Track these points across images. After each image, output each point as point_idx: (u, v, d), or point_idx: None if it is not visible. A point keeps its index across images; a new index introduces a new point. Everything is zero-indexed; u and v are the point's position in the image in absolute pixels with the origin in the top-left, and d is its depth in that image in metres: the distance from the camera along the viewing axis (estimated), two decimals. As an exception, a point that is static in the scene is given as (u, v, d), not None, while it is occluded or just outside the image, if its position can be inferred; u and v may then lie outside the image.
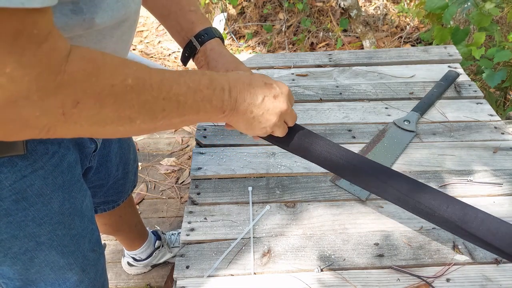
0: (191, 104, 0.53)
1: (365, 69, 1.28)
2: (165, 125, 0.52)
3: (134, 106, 0.46)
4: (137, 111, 0.47)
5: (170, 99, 0.50)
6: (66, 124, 0.41)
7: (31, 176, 0.64)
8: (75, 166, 0.74)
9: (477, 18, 1.54)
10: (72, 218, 0.75)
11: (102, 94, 0.42)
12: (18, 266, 0.73)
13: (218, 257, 0.80)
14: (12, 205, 0.64)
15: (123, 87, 0.44)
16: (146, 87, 0.47)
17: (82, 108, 0.41)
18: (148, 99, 0.47)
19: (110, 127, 0.46)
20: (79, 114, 0.41)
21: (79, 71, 0.40)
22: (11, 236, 0.68)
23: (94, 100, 0.42)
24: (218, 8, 2.96)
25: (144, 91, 0.47)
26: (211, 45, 0.74)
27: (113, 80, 0.43)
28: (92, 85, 0.41)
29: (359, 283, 0.76)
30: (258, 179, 0.96)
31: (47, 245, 0.73)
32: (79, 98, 0.40)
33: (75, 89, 0.40)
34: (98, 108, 0.43)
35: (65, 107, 0.40)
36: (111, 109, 0.44)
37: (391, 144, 1.02)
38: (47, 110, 0.39)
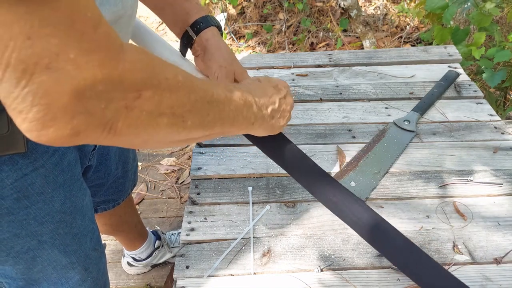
0: (227, 112, 0.53)
1: (365, 69, 1.28)
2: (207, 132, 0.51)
3: (186, 104, 0.45)
4: (188, 110, 0.46)
5: (213, 104, 0.50)
6: (127, 120, 0.39)
7: (32, 174, 0.64)
8: (75, 165, 0.74)
9: (477, 18, 1.54)
10: (74, 216, 0.75)
11: (159, 86, 0.41)
12: (20, 266, 0.73)
13: (218, 257, 0.80)
14: (14, 203, 0.64)
15: (176, 82, 0.43)
16: (193, 86, 0.47)
17: (143, 101, 0.40)
18: (197, 99, 0.47)
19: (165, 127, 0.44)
20: (140, 108, 0.40)
21: (137, 61, 0.39)
22: (13, 235, 0.68)
23: (153, 92, 0.41)
24: (218, 8, 2.96)
25: (192, 90, 0.46)
26: (207, 35, 0.73)
27: (166, 73, 0.42)
28: (151, 76, 0.40)
29: (359, 283, 0.76)
30: (258, 179, 0.96)
31: (49, 243, 0.73)
32: (140, 90, 0.39)
33: (137, 80, 0.38)
34: (157, 101, 0.41)
35: (128, 99, 0.38)
36: (167, 104, 0.43)
37: (391, 144, 1.02)
38: (112, 101, 0.37)
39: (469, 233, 0.83)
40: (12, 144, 0.59)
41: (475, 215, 0.86)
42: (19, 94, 0.32)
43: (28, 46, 0.31)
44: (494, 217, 0.86)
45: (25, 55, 0.31)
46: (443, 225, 0.85)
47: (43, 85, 0.32)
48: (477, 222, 0.85)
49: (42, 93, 0.32)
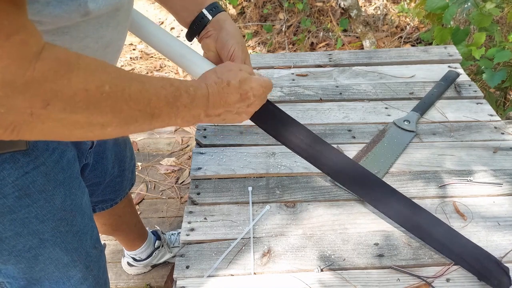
0: (163, 118, 0.52)
1: (365, 69, 1.28)
2: (133, 131, 0.51)
3: (107, 114, 0.44)
4: (110, 119, 0.45)
5: (146, 112, 0.49)
6: (32, 125, 0.39)
7: (33, 172, 0.65)
8: (73, 163, 0.74)
9: (477, 18, 1.54)
10: (74, 214, 0.76)
11: (74, 98, 0.40)
12: (22, 264, 0.73)
13: (218, 257, 0.80)
14: (16, 202, 0.65)
15: (99, 93, 0.42)
16: (124, 96, 0.45)
17: (52, 110, 0.39)
18: (124, 108, 0.46)
19: (79, 132, 0.44)
20: (47, 116, 0.40)
21: (50, 71, 0.38)
22: (15, 234, 0.68)
23: (65, 103, 0.40)
24: (218, 8, 2.95)
25: (121, 100, 0.45)
26: (224, 16, 0.73)
27: (87, 85, 0.41)
28: (64, 88, 0.39)
29: (359, 283, 0.76)
30: (258, 179, 0.96)
31: (51, 242, 0.73)
32: (49, 99, 0.39)
33: (45, 90, 0.38)
34: (69, 112, 0.41)
35: (34, 107, 0.38)
36: (82, 115, 0.42)
37: (391, 144, 1.02)
38: (14, 108, 0.37)
39: (469, 233, 0.83)
40: (14, 142, 0.59)
41: (475, 215, 0.86)
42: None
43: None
44: (494, 217, 0.86)
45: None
46: (443, 225, 0.85)
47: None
48: (477, 222, 0.85)
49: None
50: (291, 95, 1.19)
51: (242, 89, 0.63)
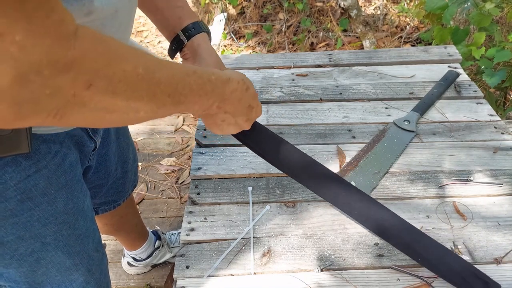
0: (186, 105, 0.53)
1: (365, 69, 1.28)
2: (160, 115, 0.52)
3: (143, 97, 0.45)
4: (144, 103, 0.45)
5: (173, 97, 0.49)
6: (75, 108, 0.39)
7: (35, 175, 0.64)
8: (76, 166, 0.74)
9: (477, 18, 1.54)
10: (76, 218, 0.75)
11: (114, 78, 0.40)
12: (24, 268, 0.72)
13: (218, 257, 0.80)
14: (18, 205, 0.64)
15: (135, 75, 0.42)
16: (155, 80, 0.46)
17: (94, 91, 0.39)
18: (156, 92, 0.46)
19: (117, 115, 0.44)
20: (90, 98, 0.39)
21: (90, 50, 0.38)
22: (17, 237, 0.68)
23: (107, 83, 0.40)
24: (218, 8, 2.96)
25: (153, 83, 0.45)
26: (198, 40, 0.74)
27: (124, 65, 0.41)
28: (105, 67, 0.39)
29: (359, 283, 0.76)
30: (258, 179, 0.96)
31: (53, 245, 0.73)
32: (91, 80, 0.38)
33: (87, 69, 0.38)
34: (110, 93, 0.41)
35: (77, 87, 0.37)
36: (122, 96, 0.42)
37: (391, 144, 1.02)
38: (59, 89, 0.36)
39: (469, 233, 0.83)
40: (16, 145, 0.59)
41: (475, 215, 0.86)
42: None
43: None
44: (494, 217, 0.86)
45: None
46: (443, 225, 0.85)
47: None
48: (477, 222, 0.85)
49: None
50: (291, 95, 1.19)
51: (253, 101, 0.66)
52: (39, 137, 0.64)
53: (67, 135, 0.70)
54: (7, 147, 0.58)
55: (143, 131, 2.18)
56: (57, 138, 0.68)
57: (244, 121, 0.67)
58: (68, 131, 0.70)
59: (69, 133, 0.71)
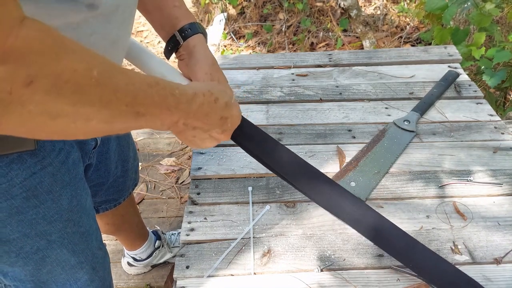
0: (147, 117, 0.48)
1: (365, 69, 1.28)
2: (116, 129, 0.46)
3: (95, 103, 0.39)
4: (96, 110, 0.40)
5: (132, 107, 0.44)
6: (11, 107, 0.33)
7: (41, 173, 0.64)
8: (78, 164, 0.74)
9: (477, 18, 1.54)
10: (80, 215, 0.76)
11: (61, 77, 0.35)
12: (30, 267, 0.73)
13: (218, 257, 0.80)
14: (23, 202, 0.64)
15: (87, 77, 0.37)
16: (112, 86, 0.41)
17: (36, 90, 0.34)
18: (111, 100, 0.41)
19: (62, 122, 0.38)
20: (30, 97, 0.34)
21: (35, 40, 0.33)
22: (22, 235, 0.68)
23: (52, 82, 0.35)
24: (218, 8, 2.96)
25: (109, 89, 0.40)
26: (194, 41, 0.73)
27: (76, 64, 0.36)
28: (51, 63, 0.34)
29: (359, 283, 0.76)
30: (258, 179, 0.96)
31: (58, 243, 0.73)
32: (33, 75, 0.33)
33: (30, 62, 0.33)
34: (55, 94, 0.35)
35: (15, 83, 0.33)
36: (69, 100, 0.37)
37: (391, 144, 1.02)
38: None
39: (469, 233, 0.83)
40: (22, 142, 0.59)
41: (475, 215, 0.86)
42: None
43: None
44: (494, 217, 0.86)
45: None
46: (443, 225, 0.85)
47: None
48: (477, 222, 0.85)
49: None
50: (291, 95, 1.19)
51: (225, 112, 0.62)
52: None
53: None
54: (13, 144, 0.58)
55: (143, 131, 2.18)
56: None
57: (219, 133, 0.63)
58: None
59: None
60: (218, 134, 0.63)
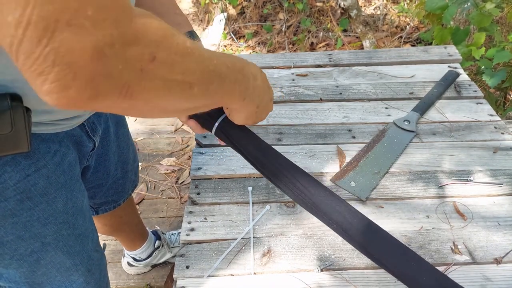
0: (228, 83, 0.53)
1: (365, 69, 1.28)
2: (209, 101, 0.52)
3: (195, 71, 0.45)
4: (196, 78, 0.46)
5: (216, 73, 0.50)
6: (143, 83, 0.39)
7: (35, 175, 0.64)
8: (74, 166, 0.74)
9: (477, 18, 1.54)
10: (76, 217, 0.75)
11: (171, 50, 0.41)
12: (24, 269, 0.72)
13: (218, 257, 0.80)
14: (17, 205, 0.64)
15: (185, 48, 0.43)
16: (200, 55, 0.47)
17: (157, 64, 0.39)
18: (203, 67, 0.47)
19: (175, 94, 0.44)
20: (154, 72, 0.39)
21: (149, 23, 0.39)
22: (16, 237, 0.67)
23: (167, 55, 0.40)
24: (218, 8, 2.96)
25: (199, 57, 0.46)
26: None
27: (176, 38, 0.42)
28: (163, 39, 0.40)
29: (359, 283, 0.76)
30: (258, 179, 0.96)
31: (53, 245, 0.73)
32: (154, 52, 0.38)
33: (150, 41, 0.38)
34: (170, 65, 0.41)
35: (144, 60, 0.38)
36: (178, 69, 0.42)
37: (391, 144, 1.02)
38: (129, 62, 0.36)
39: (469, 233, 0.83)
40: (15, 144, 0.59)
41: (475, 215, 0.86)
42: (40, 54, 0.31)
43: (48, 2, 0.30)
44: (494, 217, 0.86)
45: (47, 11, 0.30)
46: (443, 225, 0.85)
47: (65, 42, 0.31)
48: (477, 222, 0.85)
49: (65, 51, 0.32)
50: (291, 95, 1.19)
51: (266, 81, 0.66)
52: (38, 137, 0.64)
53: (66, 134, 0.71)
54: (6, 146, 0.58)
55: (143, 131, 2.18)
56: (56, 137, 0.68)
57: (269, 101, 0.67)
58: (67, 130, 0.70)
59: (68, 133, 0.71)
60: (269, 102, 0.67)
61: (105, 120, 0.90)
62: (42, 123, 0.63)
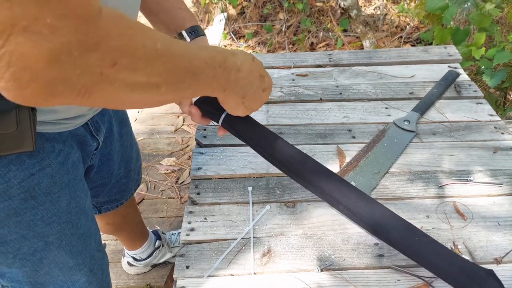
0: (204, 79, 0.54)
1: (365, 69, 1.28)
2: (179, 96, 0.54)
3: (162, 73, 0.46)
4: (164, 79, 0.46)
5: (189, 71, 0.51)
6: (102, 86, 0.40)
7: (39, 174, 0.64)
8: (78, 165, 0.74)
9: (477, 18, 1.54)
10: (79, 217, 0.75)
11: (135, 55, 0.42)
12: (27, 268, 0.72)
13: (218, 257, 0.80)
14: (21, 204, 0.64)
15: (154, 50, 0.44)
16: (172, 55, 0.47)
17: (118, 69, 0.40)
18: (173, 67, 0.48)
19: (139, 92, 0.45)
20: (115, 75, 0.40)
21: (113, 28, 0.39)
22: (20, 236, 0.67)
23: (129, 60, 0.41)
24: (218, 8, 2.96)
25: (170, 58, 0.47)
26: (203, 40, 0.78)
27: (144, 41, 0.43)
28: (127, 44, 0.41)
29: (359, 283, 0.76)
30: (258, 179, 0.96)
31: (56, 245, 0.73)
32: (116, 57, 0.39)
33: (113, 47, 0.39)
34: (132, 70, 0.42)
35: (103, 66, 0.39)
36: (143, 72, 0.43)
37: (391, 144, 1.02)
38: (87, 68, 0.37)
39: (469, 233, 0.83)
40: (20, 143, 0.59)
41: (475, 215, 0.86)
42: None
43: (7, 7, 0.31)
44: (494, 217, 0.86)
45: (5, 15, 0.31)
46: (443, 225, 0.85)
47: (20, 47, 0.33)
48: (477, 222, 0.85)
49: (19, 55, 0.33)
50: (291, 95, 1.19)
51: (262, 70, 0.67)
52: (43, 136, 0.64)
53: (70, 134, 0.71)
54: (11, 145, 0.58)
55: (143, 131, 2.18)
56: (60, 137, 0.68)
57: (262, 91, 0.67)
58: (71, 130, 0.70)
59: (72, 132, 0.71)
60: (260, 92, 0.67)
61: (109, 120, 0.90)
62: (46, 122, 0.64)
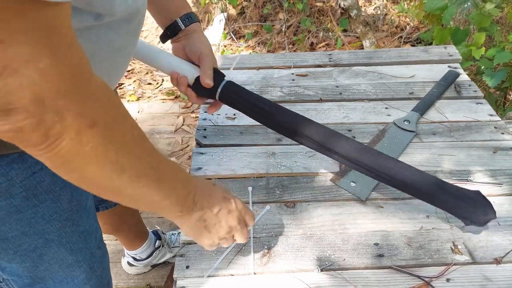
0: (164, 188, 0.53)
1: (365, 69, 1.28)
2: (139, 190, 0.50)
3: (131, 157, 0.46)
4: (131, 164, 0.46)
5: (155, 172, 0.50)
6: (73, 144, 0.39)
7: (41, 172, 0.65)
8: None
9: (477, 18, 1.54)
10: (80, 215, 0.76)
11: (114, 126, 0.42)
12: (27, 263, 0.73)
13: (218, 257, 0.80)
14: (23, 201, 0.65)
15: (131, 133, 0.45)
16: (145, 146, 0.48)
17: (95, 133, 0.40)
18: (142, 158, 0.48)
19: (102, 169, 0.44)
20: (89, 139, 0.40)
21: (102, 90, 0.40)
22: (21, 233, 0.68)
23: (108, 129, 0.41)
24: (218, 8, 2.96)
25: (143, 148, 0.48)
26: (193, 28, 0.81)
27: (125, 120, 0.44)
28: (109, 111, 0.41)
29: (359, 283, 0.76)
30: (258, 179, 0.96)
31: (56, 242, 0.74)
32: (96, 119, 0.40)
33: (97, 107, 0.40)
34: (108, 140, 0.42)
35: (82, 124, 0.39)
36: (115, 147, 0.43)
37: (391, 144, 1.02)
38: (66, 119, 0.37)
39: (469, 233, 0.83)
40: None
41: (475, 215, 0.86)
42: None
43: (1, 49, 0.32)
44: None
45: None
46: (443, 225, 0.85)
47: (7, 86, 0.34)
48: (477, 222, 0.85)
49: (4, 93, 0.34)
50: (291, 95, 1.19)
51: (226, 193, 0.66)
52: None
53: None
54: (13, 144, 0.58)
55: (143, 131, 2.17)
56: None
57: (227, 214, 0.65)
58: None
59: None
60: (226, 216, 0.64)
61: None
62: None
